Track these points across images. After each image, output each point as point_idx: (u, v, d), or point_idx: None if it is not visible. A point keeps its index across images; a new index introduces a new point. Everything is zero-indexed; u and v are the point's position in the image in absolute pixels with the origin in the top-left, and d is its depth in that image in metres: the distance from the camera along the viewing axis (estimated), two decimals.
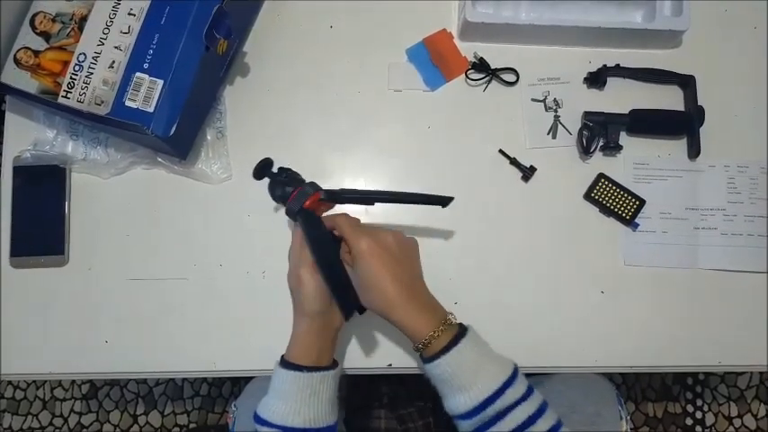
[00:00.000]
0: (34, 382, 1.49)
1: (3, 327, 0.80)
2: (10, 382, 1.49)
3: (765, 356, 0.80)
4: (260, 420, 0.63)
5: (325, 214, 0.70)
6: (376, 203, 0.77)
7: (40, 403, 1.49)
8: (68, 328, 0.80)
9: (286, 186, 0.67)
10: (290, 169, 0.70)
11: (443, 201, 0.68)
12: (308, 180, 0.69)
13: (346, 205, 0.75)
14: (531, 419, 0.58)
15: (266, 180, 0.69)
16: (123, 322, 0.80)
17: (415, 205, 0.79)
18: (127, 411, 1.48)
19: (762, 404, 1.49)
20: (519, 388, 0.60)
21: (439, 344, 0.61)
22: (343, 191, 0.68)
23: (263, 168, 0.68)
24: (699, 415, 1.48)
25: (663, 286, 0.81)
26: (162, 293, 0.80)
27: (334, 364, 0.68)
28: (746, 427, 1.48)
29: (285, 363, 0.65)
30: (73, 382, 1.48)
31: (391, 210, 0.82)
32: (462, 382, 0.60)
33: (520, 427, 0.58)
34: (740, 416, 1.48)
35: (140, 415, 1.48)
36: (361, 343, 0.79)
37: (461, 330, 0.62)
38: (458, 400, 0.60)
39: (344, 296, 0.65)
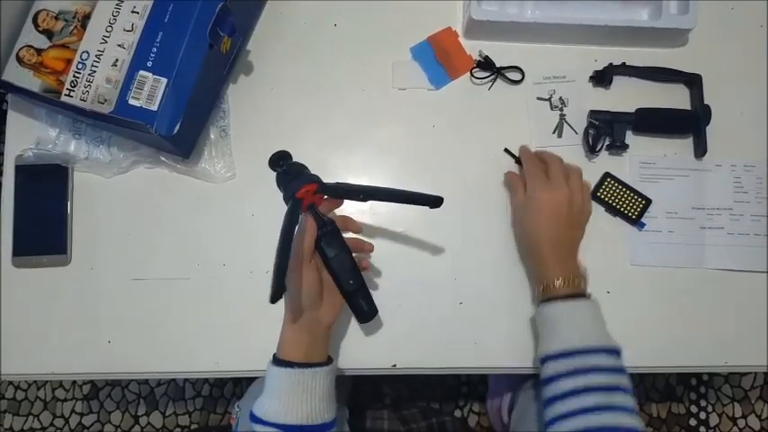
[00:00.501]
0: (35, 382, 1.48)
1: (5, 326, 0.79)
2: (11, 383, 1.48)
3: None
4: (255, 419, 0.63)
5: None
6: (369, 201, 0.75)
7: (41, 404, 1.48)
8: (71, 328, 0.79)
9: (288, 176, 0.68)
10: (301, 164, 0.70)
11: (432, 201, 0.68)
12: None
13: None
14: (610, 388, 0.63)
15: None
16: (126, 322, 0.79)
17: (407, 211, 0.79)
18: (128, 412, 1.47)
19: (766, 405, 1.48)
20: (613, 360, 0.66)
21: (563, 291, 0.69)
22: (336, 185, 0.68)
23: (279, 159, 0.69)
24: (703, 416, 1.47)
25: (669, 286, 0.81)
26: (164, 293, 0.80)
27: (327, 361, 0.67)
28: (750, 427, 1.47)
29: (276, 360, 0.66)
30: (74, 382, 1.48)
31: (394, 206, 0.81)
32: (569, 328, 0.67)
33: (595, 388, 0.63)
34: (744, 416, 1.48)
35: (142, 416, 1.47)
36: (365, 343, 0.79)
37: (587, 296, 0.71)
38: (554, 340, 0.67)
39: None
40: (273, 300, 0.60)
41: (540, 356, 0.69)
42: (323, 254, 0.68)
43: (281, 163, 0.69)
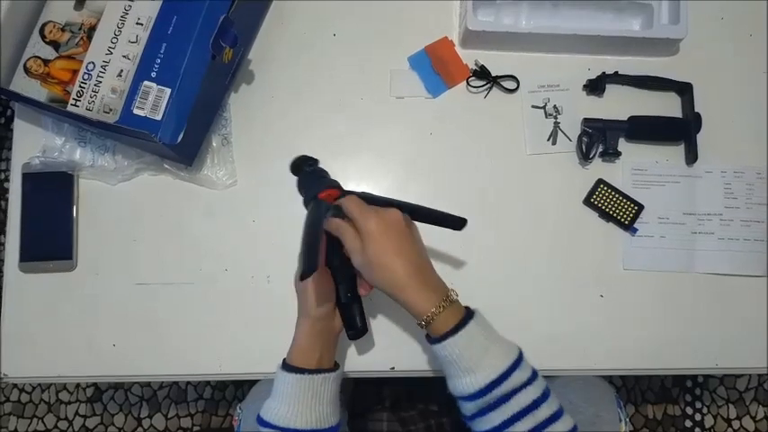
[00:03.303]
0: (39, 385, 1.50)
1: (12, 330, 0.81)
2: (15, 385, 1.50)
3: (762, 358, 0.82)
4: (263, 423, 0.65)
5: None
6: None
7: (45, 406, 1.50)
8: (76, 332, 0.81)
9: (314, 178, 0.70)
10: (325, 170, 0.72)
11: (457, 223, 0.68)
12: None
13: None
14: (535, 403, 0.59)
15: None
16: (130, 326, 0.81)
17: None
18: (131, 414, 1.49)
19: (760, 406, 1.49)
20: (524, 372, 0.60)
21: (445, 324, 0.61)
22: (363, 194, 0.67)
23: (307, 160, 0.71)
24: (698, 417, 1.49)
25: (661, 290, 0.82)
26: (168, 298, 0.81)
27: (335, 367, 0.69)
28: (745, 428, 1.48)
29: (287, 366, 0.67)
30: (78, 385, 1.49)
31: None
32: (469, 363, 0.60)
33: (524, 410, 0.58)
34: (739, 418, 1.49)
35: (144, 418, 1.49)
36: (364, 346, 0.80)
37: (469, 313, 0.63)
38: (463, 382, 0.60)
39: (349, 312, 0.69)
40: (304, 276, 0.59)
41: (455, 395, 0.63)
42: (327, 262, 0.69)
43: (311, 163, 0.71)
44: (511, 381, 0.59)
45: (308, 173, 0.72)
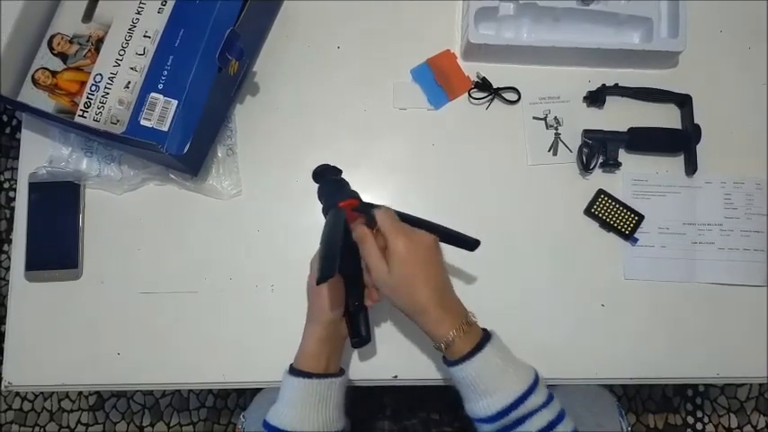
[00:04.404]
0: (41, 393, 1.50)
1: (16, 338, 0.82)
2: (17, 394, 1.50)
3: (762, 368, 0.82)
4: (270, 428, 0.65)
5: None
6: None
7: (48, 414, 1.50)
8: (81, 341, 0.81)
9: (336, 187, 0.71)
10: (344, 179, 0.73)
11: (470, 244, 0.69)
12: None
13: None
14: (551, 425, 0.60)
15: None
16: (135, 335, 0.81)
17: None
18: (133, 422, 1.49)
19: (761, 416, 1.50)
20: (540, 395, 0.61)
21: (463, 347, 0.61)
22: (372, 206, 0.68)
23: (332, 169, 0.73)
24: (699, 426, 1.49)
25: (662, 299, 0.83)
26: (172, 307, 0.82)
27: (341, 372, 0.70)
28: None
29: (294, 370, 0.67)
30: (80, 393, 1.49)
31: None
32: (486, 386, 0.61)
33: (546, 428, 0.60)
34: (740, 427, 1.49)
35: (146, 426, 1.49)
36: (367, 354, 0.81)
37: (486, 336, 0.64)
38: (480, 405, 0.61)
39: (356, 322, 0.70)
40: (321, 281, 0.58)
41: (472, 417, 0.64)
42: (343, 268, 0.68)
43: (334, 173, 0.72)
44: (527, 404, 0.60)
45: (330, 181, 0.72)
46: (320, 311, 0.68)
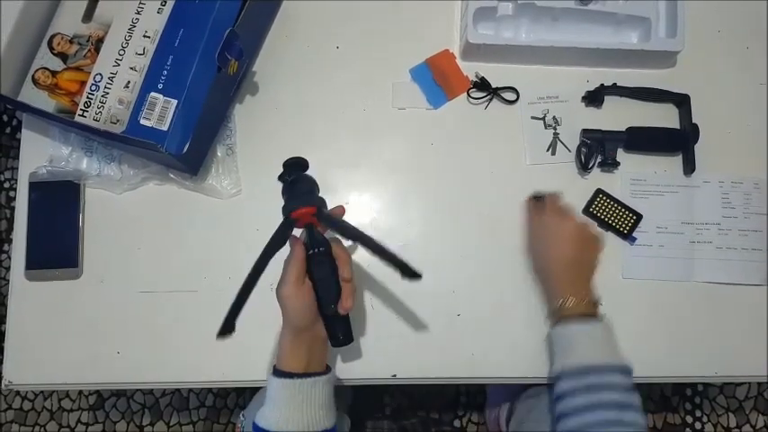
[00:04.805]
0: (41, 392, 1.50)
1: (16, 337, 0.82)
2: (17, 393, 1.50)
3: (761, 367, 0.82)
4: (258, 429, 0.65)
5: None
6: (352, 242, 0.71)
7: (48, 414, 1.50)
8: (81, 340, 0.82)
9: (294, 190, 0.67)
10: (312, 179, 0.69)
11: (410, 273, 0.65)
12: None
13: None
14: (630, 406, 0.66)
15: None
16: (135, 334, 0.82)
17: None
18: (133, 422, 1.49)
19: (760, 415, 1.50)
20: (630, 380, 0.68)
21: (578, 311, 0.71)
22: (332, 218, 0.67)
23: (292, 166, 0.68)
24: (698, 425, 1.49)
25: (660, 298, 0.83)
26: (172, 306, 0.82)
27: (326, 370, 0.69)
28: None
29: (276, 371, 0.67)
30: (80, 392, 1.49)
31: (402, 220, 0.84)
32: (581, 351, 0.69)
33: (616, 405, 0.65)
34: (739, 426, 1.49)
35: (146, 425, 1.49)
36: (365, 353, 0.81)
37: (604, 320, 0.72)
38: (567, 362, 0.69)
39: (333, 324, 0.68)
40: (221, 335, 0.63)
41: (555, 373, 0.71)
42: (310, 274, 0.67)
43: (292, 172, 0.68)
44: (609, 376, 0.67)
45: (287, 182, 0.68)
46: (288, 318, 0.67)
